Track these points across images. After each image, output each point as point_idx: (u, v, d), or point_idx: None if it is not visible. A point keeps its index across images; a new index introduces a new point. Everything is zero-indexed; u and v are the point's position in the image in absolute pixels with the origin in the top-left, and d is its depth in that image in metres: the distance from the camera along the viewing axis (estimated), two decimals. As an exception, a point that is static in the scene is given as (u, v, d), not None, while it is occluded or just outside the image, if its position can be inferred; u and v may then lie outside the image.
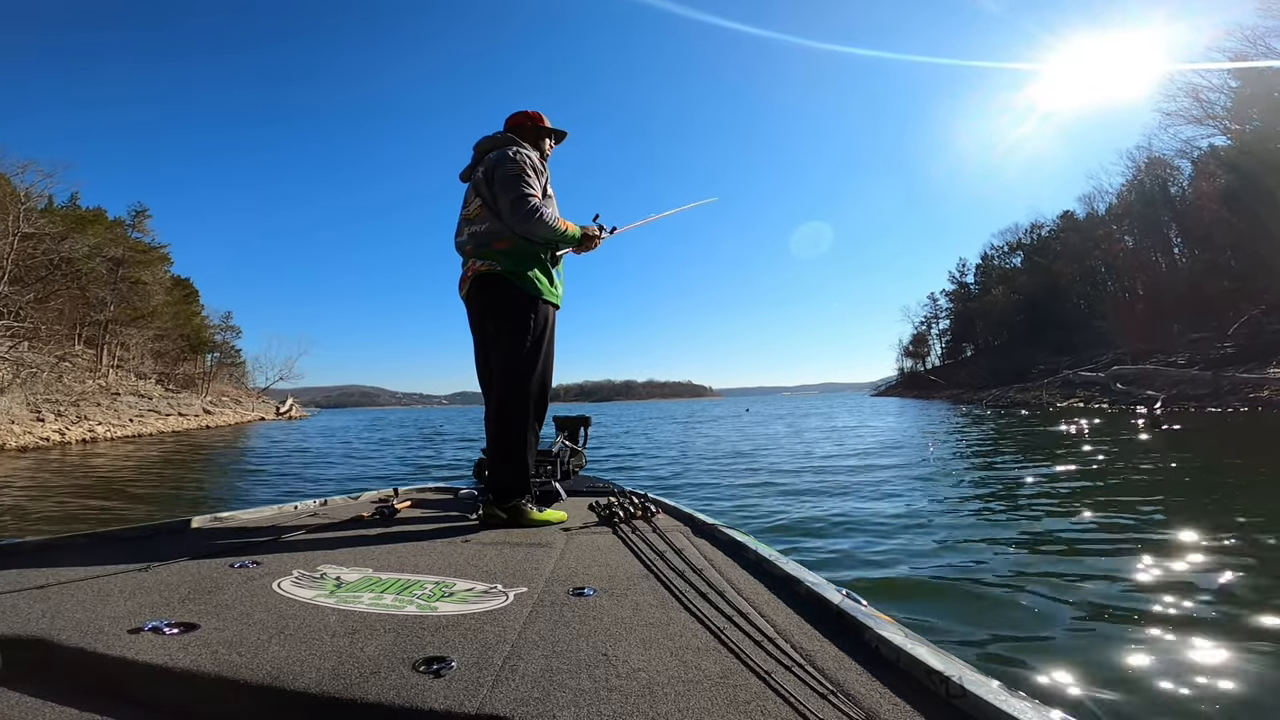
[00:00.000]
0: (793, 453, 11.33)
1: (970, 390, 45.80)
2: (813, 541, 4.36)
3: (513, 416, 2.48)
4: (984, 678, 0.96)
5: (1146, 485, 6.12)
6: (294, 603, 1.40)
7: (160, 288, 44.59)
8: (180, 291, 52.84)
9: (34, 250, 27.65)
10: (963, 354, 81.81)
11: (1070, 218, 62.18)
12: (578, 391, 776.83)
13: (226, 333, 62.98)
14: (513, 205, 2.44)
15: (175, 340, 49.03)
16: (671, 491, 6.75)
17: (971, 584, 3.22)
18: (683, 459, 11.02)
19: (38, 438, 17.55)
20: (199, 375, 53.40)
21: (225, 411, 41.97)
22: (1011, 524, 4.66)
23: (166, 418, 30.42)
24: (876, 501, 5.77)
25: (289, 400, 64.85)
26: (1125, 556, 3.57)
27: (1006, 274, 72.46)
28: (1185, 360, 25.91)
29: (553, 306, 2.65)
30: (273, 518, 2.57)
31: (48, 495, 7.98)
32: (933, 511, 5.23)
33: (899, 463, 9.01)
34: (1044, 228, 68.52)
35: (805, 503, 5.85)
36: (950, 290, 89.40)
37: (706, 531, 2.22)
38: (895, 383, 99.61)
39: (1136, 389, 23.25)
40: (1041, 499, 5.66)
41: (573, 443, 4.00)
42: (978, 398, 37.50)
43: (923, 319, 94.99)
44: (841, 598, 1.35)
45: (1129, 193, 49.28)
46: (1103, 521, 4.52)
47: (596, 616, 1.33)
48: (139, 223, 45.76)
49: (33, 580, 1.51)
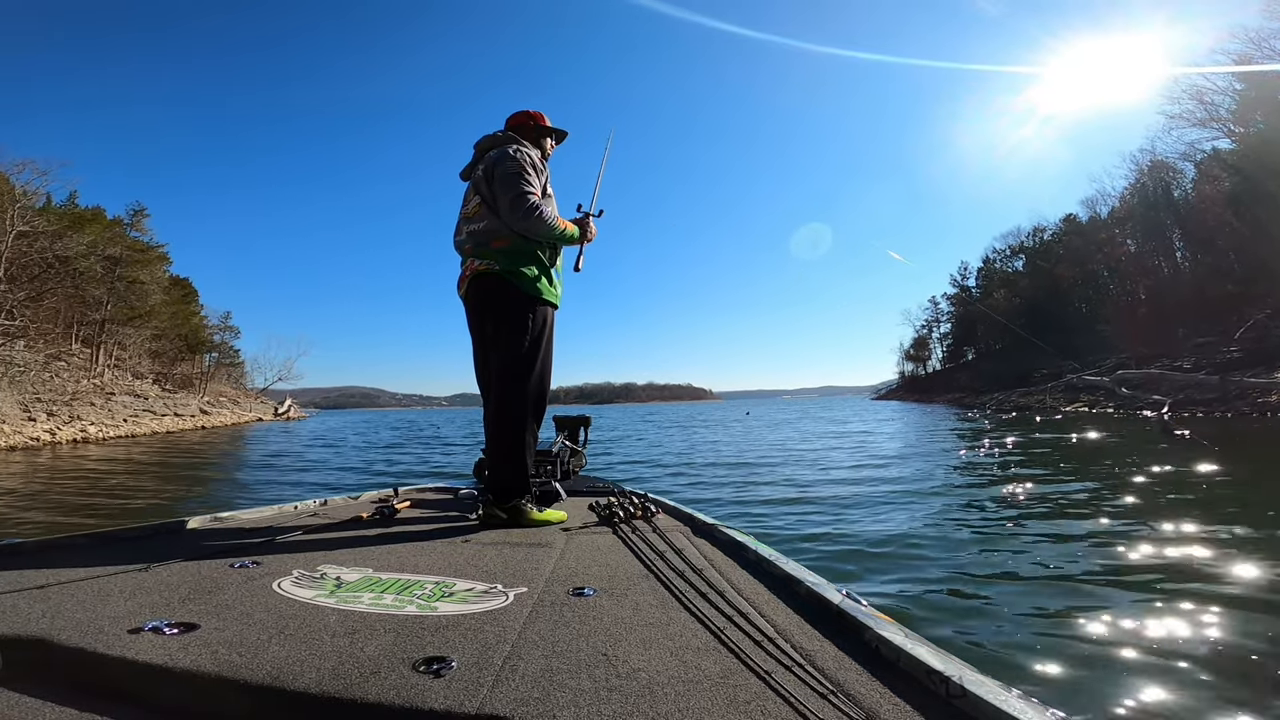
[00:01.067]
0: (822, 460, 10.96)
1: (971, 394, 45.56)
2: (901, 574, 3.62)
3: (512, 417, 2.46)
4: (984, 678, 0.96)
5: (1209, 502, 5.44)
6: (294, 603, 1.39)
7: (157, 287, 44.33)
8: (179, 291, 52.61)
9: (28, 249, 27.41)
10: (964, 358, 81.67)
11: (1073, 221, 61.84)
12: (578, 394, 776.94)
13: (225, 333, 62.85)
14: (512, 203, 2.43)
15: (173, 340, 48.81)
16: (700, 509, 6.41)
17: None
18: (690, 468, 10.36)
19: (27, 437, 17.28)
20: (197, 375, 53.16)
21: (223, 412, 41.75)
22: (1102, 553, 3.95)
23: (162, 418, 30.18)
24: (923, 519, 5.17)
25: (287, 401, 64.66)
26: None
27: (1008, 277, 72.24)
28: (1191, 364, 25.65)
29: (551, 306, 2.63)
30: (273, 518, 2.56)
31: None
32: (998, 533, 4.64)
33: (933, 475, 8.67)
34: (1046, 231, 68.17)
35: (860, 523, 5.06)
36: (951, 294, 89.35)
37: (706, 531, 2.21)
38: (895, 386, 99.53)
39: (1142, 393, 23.03)
40: (1100, 516, 5.01)
41: (573, 443, 3.99)
42: (979, 401, 37.28)
43: (924, 322, 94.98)
44: (841, 598, 1.34)
45: (1132, 196, 49.05)
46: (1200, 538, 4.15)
47: (596, 616, 1.32)
48: (137, 222, 45.57)
49: (33, 580, 1.51)
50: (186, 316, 51.56)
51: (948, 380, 70.14)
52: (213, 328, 59.46)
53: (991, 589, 3.26)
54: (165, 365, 48.62)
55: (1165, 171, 44.33)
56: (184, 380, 50.19)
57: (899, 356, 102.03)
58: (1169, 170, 44.00)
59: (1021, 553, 3.96)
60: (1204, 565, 3.50)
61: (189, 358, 52.70)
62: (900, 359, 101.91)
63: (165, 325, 46.28)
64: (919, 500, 6.19)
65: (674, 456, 12.44)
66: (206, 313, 58.96)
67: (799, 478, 8.32)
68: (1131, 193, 49.10)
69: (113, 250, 37.87)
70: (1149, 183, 46.23)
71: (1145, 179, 46.69)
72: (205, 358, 56.74)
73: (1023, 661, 2.30)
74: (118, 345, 41.67)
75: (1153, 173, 45.46)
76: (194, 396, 44.98)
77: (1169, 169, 43.87)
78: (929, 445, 13.10)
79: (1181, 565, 3.53)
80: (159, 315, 44.36)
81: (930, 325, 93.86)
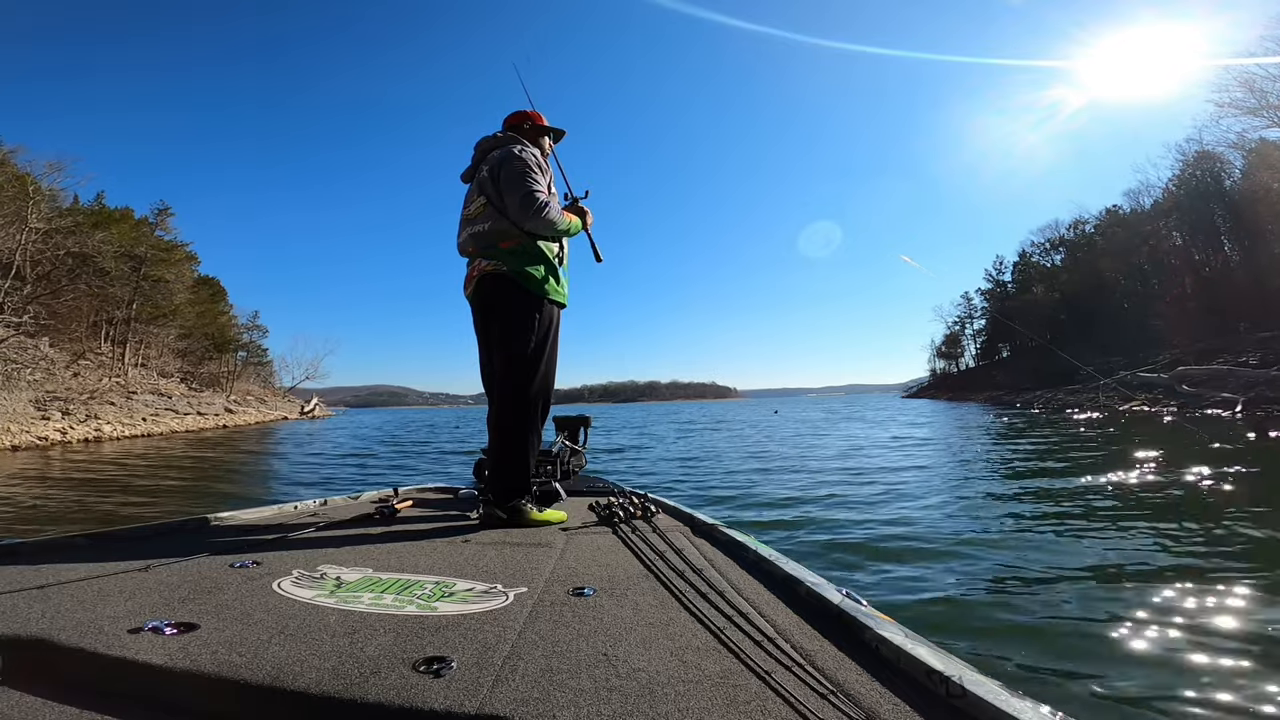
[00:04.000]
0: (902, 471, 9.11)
1: (1011, 392, 43.58)
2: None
3: (515, 417, 2.46)
4: (984, 678, 0.96)
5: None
6: (294, 603, 1.38)
7: (182, 286, 44.64)
8: (206, 291, 53.16)
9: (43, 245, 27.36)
10: (998, 355, 79.16)
11: (1115, 213, 59.26)
12: (601, 392, 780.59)
13: (253, 332, 63.45)
14: (522, 202, 2.41)
15: (199, 339, 49.22)
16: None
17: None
18: (750, 492, 7.00)
19: (35, 436, 16.91)
20: (224, 375, 53.60)
21: (248, 411, 41.91)
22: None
23: (184, 417, 30.12)
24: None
25: (314, 400, 65.26)
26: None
27: (1047, 272, 69.46)
28: (1257, 360, 23.80)
29: (558, 306, 2.62)
30: (273, 517, 2.55)
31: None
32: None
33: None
34: (1087, 223, 65.39)
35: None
36: (986, 289, 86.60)
37: (706, 531, 2.20)
38: (926, 384, 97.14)
39: (1206, 391, 21.31)
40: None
41: (573, 443, 3.97)
42: (1020, 400, 35.45)
43: (956, 319, 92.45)
44: (841, 598, 1.33)
45: (1178, 187, 47.61)
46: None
47: (596, 616, 1.32)
48: (162, 220, 46.02)
49: (33, 580, 1.50)
50: (214, 316, 52.03)
51: (984, 378, 68.02)
52: (241, 327, 60.05)
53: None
54: (193, 364, 49.06)
55: (1212, 162, 43.52)
56: (211, 379, 50.62)
57: (930, 354, 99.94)
58: (1216, 161, 43.22)
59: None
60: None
61: (216, 357, 53.11)
62: (931, 356, 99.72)
63: (191, 324, 46.65)
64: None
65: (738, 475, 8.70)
66: (236, 312, 59.69)
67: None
68: (1178, 184, 47.95)
69: (139, 250, 38.09)
70: (1196, 173, 45.33)
71: (1191, 170, 45.88)
72: (233, 357, 57.17)
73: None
74: (143, 344, 42.04)
75: (1199, 162, 44.71)
76: (220, 395, 45.24)
77: (1216, 159, 43.15)
78: (1091, 461, 9.29)
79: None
80: (183, 314, 44.67)
81: (963, 321, 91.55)
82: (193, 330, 47.48)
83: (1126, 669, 2.27)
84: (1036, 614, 2.85)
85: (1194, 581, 3.17)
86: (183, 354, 48.45)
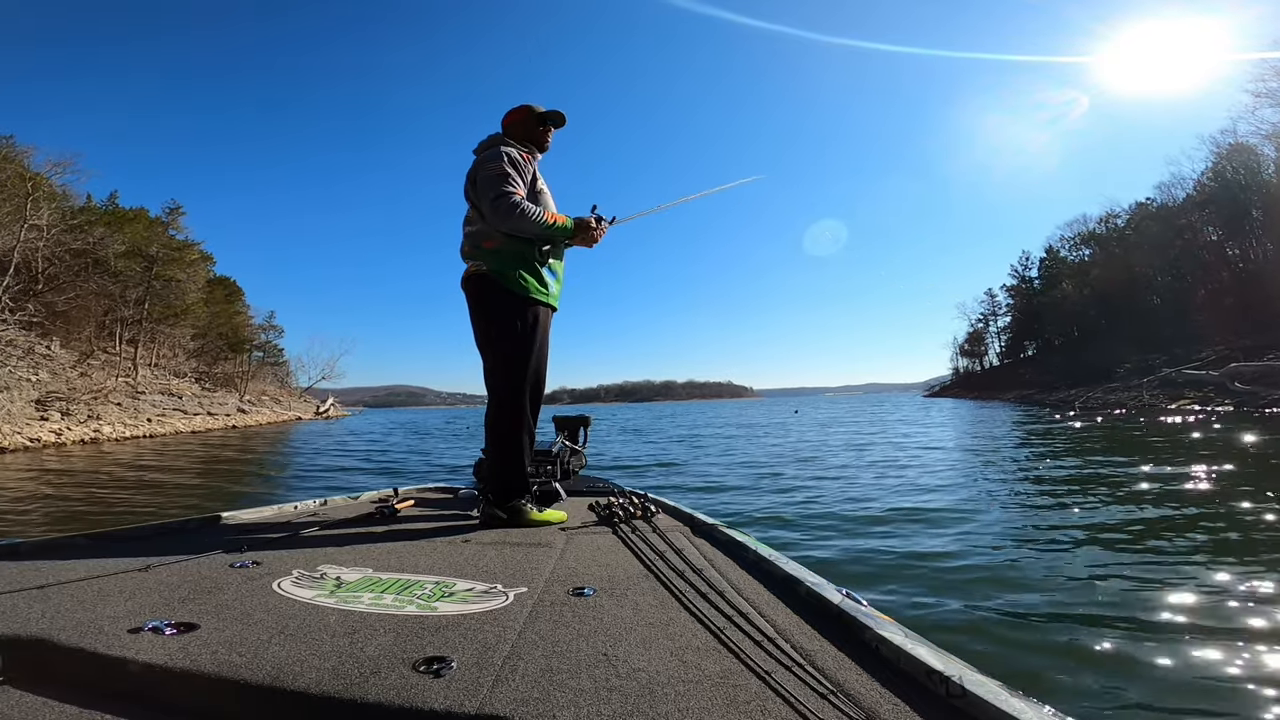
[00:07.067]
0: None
1: (1041, 390, 41.91)
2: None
3: (506, 416, 2.47)
4: (984, 678, 0.95)
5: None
6: (294, 603, 1.37)
7: (194, 285, 44.45)
8: (221, 290, 53.09)
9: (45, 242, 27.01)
10: (1024, 352, 77.03)
11: (1147, 207, 57.09)
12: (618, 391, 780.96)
13: (269, 332, 63.42)
14: (493, 204, 2.42)
15: (213, 339, 49.08)
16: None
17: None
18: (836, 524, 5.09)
19: (26, 439, 16.32)
20: (239, 374, 53.48)
21: (262, 411, 41.67)
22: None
23: (193, 417, 29.75)
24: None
25: (329, 400, 65.29)
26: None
27: (1076, 267, 67.22)
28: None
29: (544, 306, 2.57)
30: (272, 517, 2.54)
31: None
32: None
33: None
34: (1118, 217, 63.01)
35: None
36: (1011, 285, 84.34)
37: (706, 531, 2.18)
38: (949, 383, 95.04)
39: (1262, 388, 19.89)
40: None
41: (573, 443, 3.94)
42: (1051, 399, 33.90)
43: (979, 316, 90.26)
44: (841, 598, 1.33)
45: (1212, 180, 46.11)
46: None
47: (596, 616, 1.31)
48: (174, 220, 46.00)
49: (33, 580, 1.49)
50: (229, 316, 51.92)
51: (1010, 375, 66.09)
52: (256, 327, 60.00)
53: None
54: (207, 364, 48.94)
55: (1247, 154, 42.49)
56: (226, 379, 50.50)
57: (952, 352, 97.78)
58: (1250, 153, 42.28)
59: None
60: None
61: (231, 357, 52.99)
62: (954, 354, 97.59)
63: (204, 324, 46.48)
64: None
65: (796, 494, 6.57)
66: (253, 312, 59.65)
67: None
68: (1211, 175, 46.61)
69: (151, 249, 37.90)
70: (1229, 165, 44.19)
71: (1224, 162, 44.79)
72: (248, 357, 57.09)
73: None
74: (156, 343, 41.88)
75: (1233, 155, 43.69)
76: (233, 395, 45.04)
77: (1250, 152, 42.26)
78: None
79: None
80: (196, 313, 44.46)
81: (987, 319, 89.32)
82: (207, 330, 47.32)
83: (1127, 669, 2.25)
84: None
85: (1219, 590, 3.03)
86: (197, 354, 48.33)
